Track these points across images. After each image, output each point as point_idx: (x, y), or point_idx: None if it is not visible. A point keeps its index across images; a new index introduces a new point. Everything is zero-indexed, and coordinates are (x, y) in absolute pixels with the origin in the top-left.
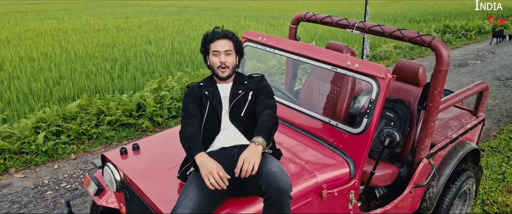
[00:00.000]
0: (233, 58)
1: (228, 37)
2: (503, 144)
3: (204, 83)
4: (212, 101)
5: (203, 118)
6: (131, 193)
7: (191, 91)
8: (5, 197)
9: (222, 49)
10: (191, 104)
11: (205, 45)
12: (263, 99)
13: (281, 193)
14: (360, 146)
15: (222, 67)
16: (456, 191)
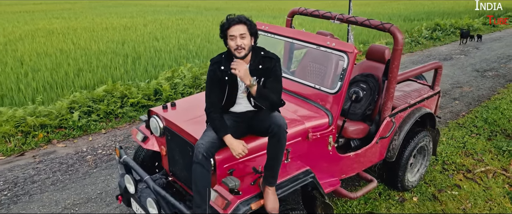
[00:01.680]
0: (248, 40)
1: (242, 22)
2: (469, 121)
3: (225, 67)
4: (230, 85)
5: (224, 95)
6: (172, 133)
7: (214, 74)
8: (53, 160)
9: (237, 33)
10: (214, 89)
11: (223, 31)
12: (271, 82)
13: (280, 128)
14: (336, 102)
15: (238, 49)
16: (415, 146)
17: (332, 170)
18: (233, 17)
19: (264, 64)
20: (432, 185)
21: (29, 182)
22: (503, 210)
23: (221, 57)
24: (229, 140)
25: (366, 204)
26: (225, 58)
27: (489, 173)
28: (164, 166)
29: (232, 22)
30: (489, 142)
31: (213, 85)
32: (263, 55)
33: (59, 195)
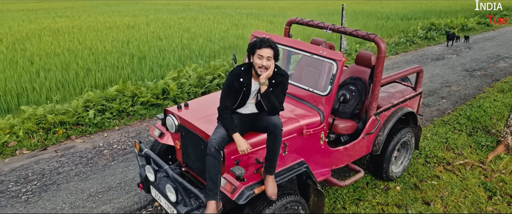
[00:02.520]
0: (272, 63)
1: (271, 47)
2: (453, 119)
3: (244, 79)
4: (245, 96)
5: (237, 99)
6: (186, 130)
7: (232, 83)
8: (74, 154)
9: (265, 55)
10: (230, 96)
11: (253, 49)
12: (278, 93)
13: (276, 127)
14: (327, 103)
15: (262, 68)
16: (398, 140)
17: (324, 161)
18: (264, 39)
19: (276, 79)
20: (414, 176)
21: (55, 173)
22: (477, 197)
23: (240, 69)
24: (237, 138)
25: (354, 192)
26: (244, 72)
27: (467, 166)
28: (178, 158)
29: (263, 44)
30: (470, 137)
31: (230, 92)
32: (276, 71)
33: (83, 184)
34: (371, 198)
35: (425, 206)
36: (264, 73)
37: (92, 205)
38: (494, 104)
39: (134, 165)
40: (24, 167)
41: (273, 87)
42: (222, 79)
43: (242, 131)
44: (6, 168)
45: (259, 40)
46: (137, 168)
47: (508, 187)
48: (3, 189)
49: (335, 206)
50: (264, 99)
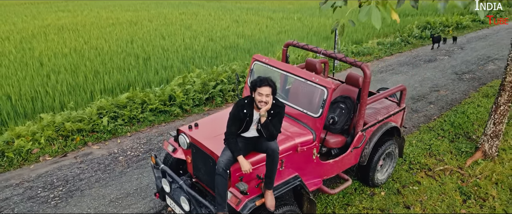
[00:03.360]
0: (270, 98)
1: (269, 85)
2: (438, 125)
3: (247, 110)
4: (248, 123)
5: (241, 126)
6: (196, 148)
7: (237, 113)
8: (92, 160)
9: (265, 93)
10: (235, 123)
11: (254, 87)
12: (275, 122)
13: (273, 151)
14: (319, 124)
15: (261, 103)
16: (382, 152)
17: (316, 173)
18: (264, 79)
19: (275, 110)
20: (398, 182)
21: (77, 180)
22: (452, 201)
23: (244, 102)
24: (241, 160)
25: (343, 197)
26: (248, 104)
27: (447, 171)
28: (189, 171)
29: (262, 83)
30: (451, 143)
31: (235, 120)
32: (274, 103)
33: (104, 190)
34: (358, 203)
35: (406, 210)
36: (263, 107)
37: (113, 210)
38: (477, 110)
39: (148, 171)
40: (48, 173)
41: (272, 117)
42: (225, 85)
43: (245, 152)
44: (32, 174)
45: (259, 80)
46: (150, 175)
47: (482, 191)
48: (33, 195)
49: (326, 211)
50: (264, 128)
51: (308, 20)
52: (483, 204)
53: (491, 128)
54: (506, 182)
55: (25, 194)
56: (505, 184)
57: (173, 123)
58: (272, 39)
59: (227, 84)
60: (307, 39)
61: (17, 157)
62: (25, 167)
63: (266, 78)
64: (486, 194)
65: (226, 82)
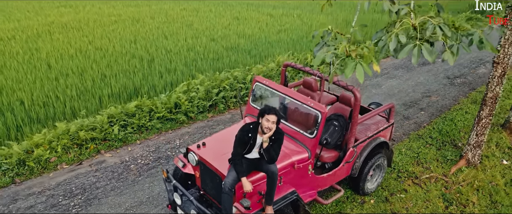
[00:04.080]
0: (274, 126)
1: (276, 114)
2: (427, 133)
3: (251, 134)
4: (251, 146)
5: (245, 148)
6: (204, 166)
7: (243, 138)
8: (106, 169)
9: (271, 120)
10: (241, 146)
11: (263, 113)
12: (275, 147)
13: (273, 173)
14: (313, 143)
15: (267, 129)
16: (372, 164)
17: (311, 186)
18: (272, 109)
19: (276, 136)
20: (386, 190)
21: (94, 188)
22: (436, 208)
23: (249, 127)
24: (244, 181)
25: (336, 205)
26: (252, 129)
27: (432, 179)
28: (197, 184)
29: (271, 112)
30: (438, 151)
31: (240, 143)
32: (276, 131)
33: (119, 199)
34: (349, 211)
35: None
36: (268, 133)
37: None
38: (465, 117)
39: (158, 180)
40: (66, 181)
41: (273, 142)
42: (227, 92)
43: (248, 171)
44: (52, 183)
45: (268, 109)
46: (161, 183)
47: (464, 197)
48: (55, 203)
49: None
50: (266, 152)
51: (307, 17)
52: (464, 211)
53: (474, 139)
54: (487, 188)
55: (47, 202)
56: (485, 190)
57: (179, 130)
58: (272, 39)
59: (230, 91)
60: (306, 38)
61: (37, 165)
62: (45, 175)
63: (275, 108)
64: (467, 200)
65: (228, 89)
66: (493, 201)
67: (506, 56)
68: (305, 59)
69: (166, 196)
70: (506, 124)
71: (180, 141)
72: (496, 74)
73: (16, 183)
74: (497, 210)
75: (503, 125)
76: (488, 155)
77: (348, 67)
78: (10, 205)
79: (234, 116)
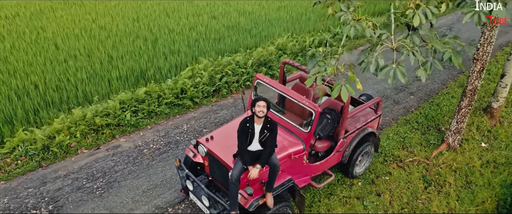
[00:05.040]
0: (266, 110)
1: (264, 100)
2: (414, 118)
3: (250, 125)
4: (251, 135)
5: (247, 138)
6: (212, 157)
7: (243, 128)
8: (122, 153)
9: (261, 104)
10: (243, 137)
11: (254, 103)
12: (271, 138)
13: (274, 166)
14: (308, 137)
15: (260, 112)
16: (360, 152)
17: (305, 173)
18: (260, 97)
19: (270, 127)
20: (373, 173)
21: (113, 172)
22: (416, 188)
23: (247, 119)
24: (251, 168)
25: (328, 188)
26: (249, 120)
27: (415, 162)
28: (206, 171)
29: (259, 99)
30: (423, 136)
31: (243, 134)
32: (269, 120)
33: (136, 182)
34: (339, 193)
35: (377, 197)
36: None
37: (146, 199)
38: (451, 101)
39: (170, 164)
40: (88, 165)
41: (269, 132)
42: (229, 77)
43: (252, 162)
44: (75, 166)
45: (257, 98)
46: (172, 168)
47: (442, 178)
48: (80, 186)
49: (313, 199)
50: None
51: None
52: (441, 190)
53: (455, 125)
54: (463, 170)
55: (73, 185)
56: (462, 171)
57: (185, 115)
58: (272, 16)
59: (232, 76)
60: (305, 16)
61: (59, 150)
62: (68, 159)
63: (262, 97)
64: (445, 181)
65: (230, 74)
66: (468, 182)
67: (485, 54)
68: (304, 41)
69: (178, 180)
70: (488, 108)
71: (187, 126)
72: (476, 70)
73: (42, 167)
74: (471, 190)
75: (485, 109)
76: (468, 138)
77: (335, 89)
78: (41, 187)
79: (236, 100)
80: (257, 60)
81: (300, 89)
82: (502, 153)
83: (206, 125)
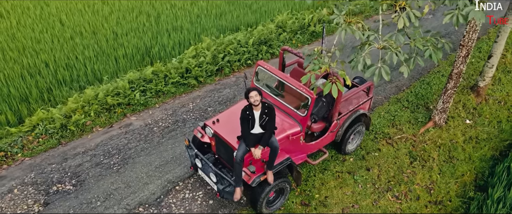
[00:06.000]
0: (259, 98)
1: (257, 90)
2: (405, 96)
3: (249, 112)
4: (252, 121)
5: (249, 125)
6: (218, 138)
7: (244, 116)
8: (134, 131)
9: (254, 95)
10: (245, 123)
11: (247, 94)
12: (270, 121)
13: (275, 148)
14: (304, 120)
15: (254, 102)
16: (352, 131)
17: (302, 151)
18: (251, 88)
19: (268, 110)
20: (364, 149)
21: (127, 149)
22: (402, 163)
23: (246, 108)
24: (253, 150)
25: (322, 163)
26: (249, 108)
27: (403, 139)
28: (213, 150)
29: (250, 91)
30: (412, 114)
31: (244, 121)
32: (266, 105)
33: (149, 158)
34: (332, 168)
35: (367, 171)
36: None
37: (159, 174)
38: (441, 80)
39: (179, 142)
40: (103, 142)
41: (267, 116)
42: (232, 56)
43: (254, 143)
44: (92, 144)
45: (248, 90)
46: (181, 145)
47: (426, 154)
48: (99, 162)
49: (309, 174)
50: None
51: None
52: (425, 165)
53: (441, 105)
54: (447, 145)
55: (92, 161)
56: (446, 147)
57: (191, 93)
58: None
59: (234, 55)
60: None
61: (76, 129)
62: (84, 137)
63: (252, 87)
64: (429, 156)
65: (232, 53)
66: (450, 156)
67: (470, 41)
68: (303, 19)
69: (186, 156)
70: (474, 87)
71: (193, 104)
72: (461, 55)
73: (62, 144)
74: (452, 164)
75: (472, 87)
76: (454, 115)
77: (326, 86)
78: (62, 163)
79: (238, 79)
80: (258, 39)
81: (298, 73)
82: (484, 129)
83: (210, 104)
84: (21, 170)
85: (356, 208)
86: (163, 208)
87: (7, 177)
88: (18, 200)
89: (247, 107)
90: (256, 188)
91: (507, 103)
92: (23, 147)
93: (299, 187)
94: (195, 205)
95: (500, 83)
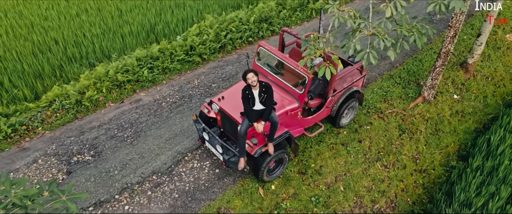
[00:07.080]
0: (256, 79)
1: (253, 72)
2: (397, 73)
3: (249, 92)
4: (252, 99)
5: (250, 102)
6: (223, 114)
7: (245, 96)
8: (144, 106)
9: (250, 76)
10: (246, 102)
11: (245, 76)
12: (268, 98)
13: (275, 122)
14: (302, 97)
15: (252, 83)
16: (346, 107)
17: (300, 125)
18: (246, 70)
19: (265, 89)
20: (357, 123)
21: (138, 123)
22: (392, 136)
23: (246, 88)
24: (255, 125)
25: (318, 136)
26: (248, 88)
27: (393, 113)
28: (218, 124)
29: (247, 73)
30: (403, 90)
31: (245, 100)
32: (264, 84)
33: (159, 131)
34: (327, 140)
35: (359, 143)
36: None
37: (169, 146)
38: (432, 57)
39: (186, 116)
40: (116, 117)
41: (265, 94)
42: (234, 34)
43: (256, 119)
44: (105, 118)
45: (245, 72)
46: (188, 119)
47: (415, 127)
48: (113, 135)
49: (306, 146)
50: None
51: None
52: (412, 137)
53: (430, 82)
54: (434, 119)
55: (107, 134)
56: (433, 120)
57: (195, 70)
58: None
59: (235, 33)
60: None
61: (90, 104)
62: (98, 112)
63: (248, 69)
64: (417, 129)
65: (234, 31)
66: (437, 129)
67: (458, 22)
68: None
69: (194, 130)
70: (464, 64)
71: (198, 81)
72: (449, 35)
73: (78, 119)
74: (438, 136)
75: (461, 64)
76: (443, 91)
77: (321, 70)
78: (80, 136)
79: (240, 56)
80: (259, 16)
81: (296, 53)
82: (470, 104)
83: (214, 80)
84: (43, 142)
85: (348, 176)
86: (174, 176)
87: (31, 149)
88: (43, 169)
89: (246, 87)
90: (258, 158)
91: (494, 79)
92: (42, 121)
93: (297, 157)
94: (203, 174)
95: (489, 60)
